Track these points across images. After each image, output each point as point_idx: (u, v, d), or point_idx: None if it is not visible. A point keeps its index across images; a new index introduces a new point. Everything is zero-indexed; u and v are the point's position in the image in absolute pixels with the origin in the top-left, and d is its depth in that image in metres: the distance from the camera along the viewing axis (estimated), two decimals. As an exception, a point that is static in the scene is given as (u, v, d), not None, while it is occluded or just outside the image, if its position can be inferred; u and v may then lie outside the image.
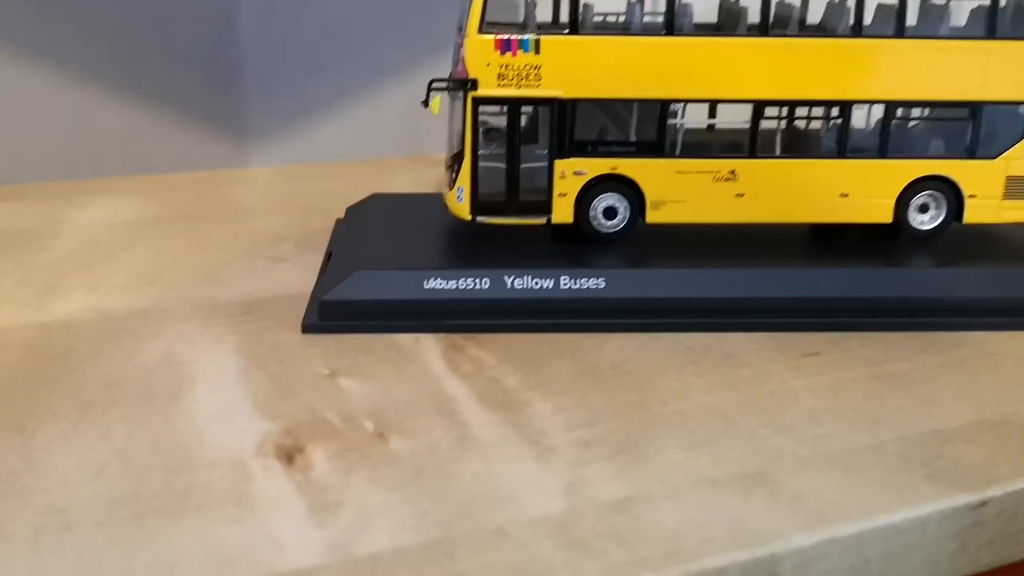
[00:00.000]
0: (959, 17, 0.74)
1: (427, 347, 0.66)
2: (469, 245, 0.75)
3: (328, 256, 0.80)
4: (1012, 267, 0.73)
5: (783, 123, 0.74)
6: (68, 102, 1.20)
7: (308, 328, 0.68)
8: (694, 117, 0.73)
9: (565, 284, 0.69)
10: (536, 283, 0.69)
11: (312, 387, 0.60)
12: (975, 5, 0.73)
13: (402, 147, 1.26)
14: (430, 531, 0.47)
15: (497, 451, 0.54)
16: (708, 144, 0.74)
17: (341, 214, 0.90)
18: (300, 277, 0.78)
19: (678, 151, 0.73)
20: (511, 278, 0.69)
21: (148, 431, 0.55)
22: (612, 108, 0.73)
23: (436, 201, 0.77)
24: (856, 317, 0.70)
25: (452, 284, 0.69)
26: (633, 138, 0.73)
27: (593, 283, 0.69)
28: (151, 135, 1.27)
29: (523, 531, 0.47)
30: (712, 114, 0.74)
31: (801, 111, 0.75)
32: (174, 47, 1.21)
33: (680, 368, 0.64)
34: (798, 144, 0.75)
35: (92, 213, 0.96)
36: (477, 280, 0.69)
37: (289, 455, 0.53)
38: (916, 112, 0.75)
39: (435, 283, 0.69)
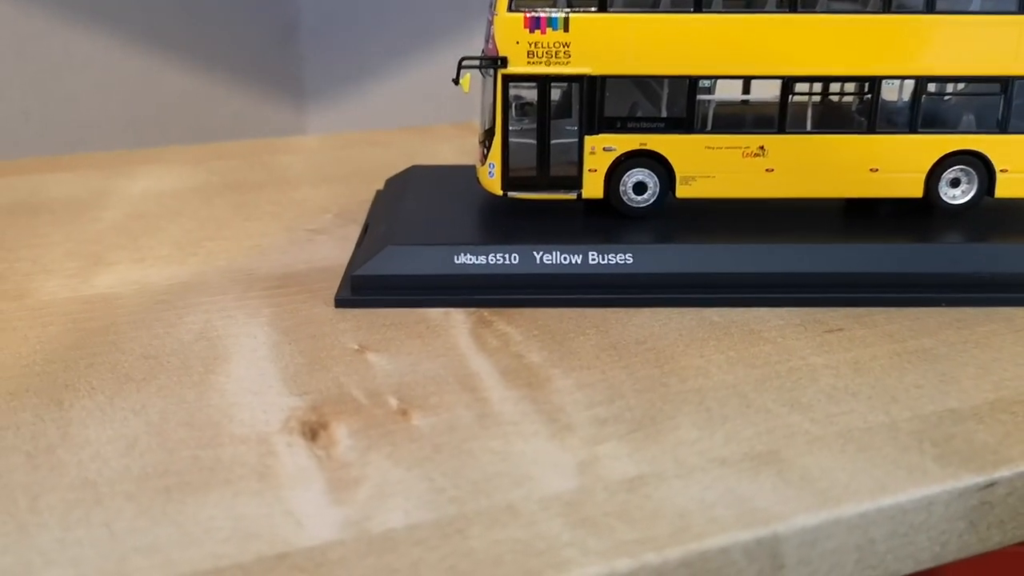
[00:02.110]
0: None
1: (456, 322, 0.68)
2: (501, 219, 0.76)
3: (365, 229, 0.81)
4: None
5: (812, 98, 0.74)
6: (128, 67, 1.22)
7: (340, 302, 0.70)
8: (723, 93, 0.73)
9: (593, 259, 0.70)
10: (565, 258, 0.70)
11: (341, 362, 0.62)
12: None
13: (460, 108, 1.26)
14: (444, 508, 0.48)
15: (515, 428, 0.55)
16: (737, 120, 0.74)
17: (382, 184, 0.92)
18: (337, 250, 0.80)
19: (707, 127, 0.73)
20: (540, 254, 0.70)
21: (181, 406, 0.57)
22: (641, 84, 0.74)
23: (472, 173, 0.79)
24: (884, 292, 0.70)
25: (482, 259, 0.70)
26: (662, 114, 0.73)
27: (621, 259, 0.70)
28: (210, 101, 1.29)
29: (534, 509, 0.48)
30: (741, 90, 0.74)
31: (831, 86, 0.75)
32: (231, 6, 1.22)
33: (703, 344, 0.65)
34: (828, 119, 0.75)
35: (141, 183, 0.99)
36: (506, 255, 0.70)
37: (313, 431, 0.54)
38: (947, 87, 0.74)
39: (465, 258, 0.70)
